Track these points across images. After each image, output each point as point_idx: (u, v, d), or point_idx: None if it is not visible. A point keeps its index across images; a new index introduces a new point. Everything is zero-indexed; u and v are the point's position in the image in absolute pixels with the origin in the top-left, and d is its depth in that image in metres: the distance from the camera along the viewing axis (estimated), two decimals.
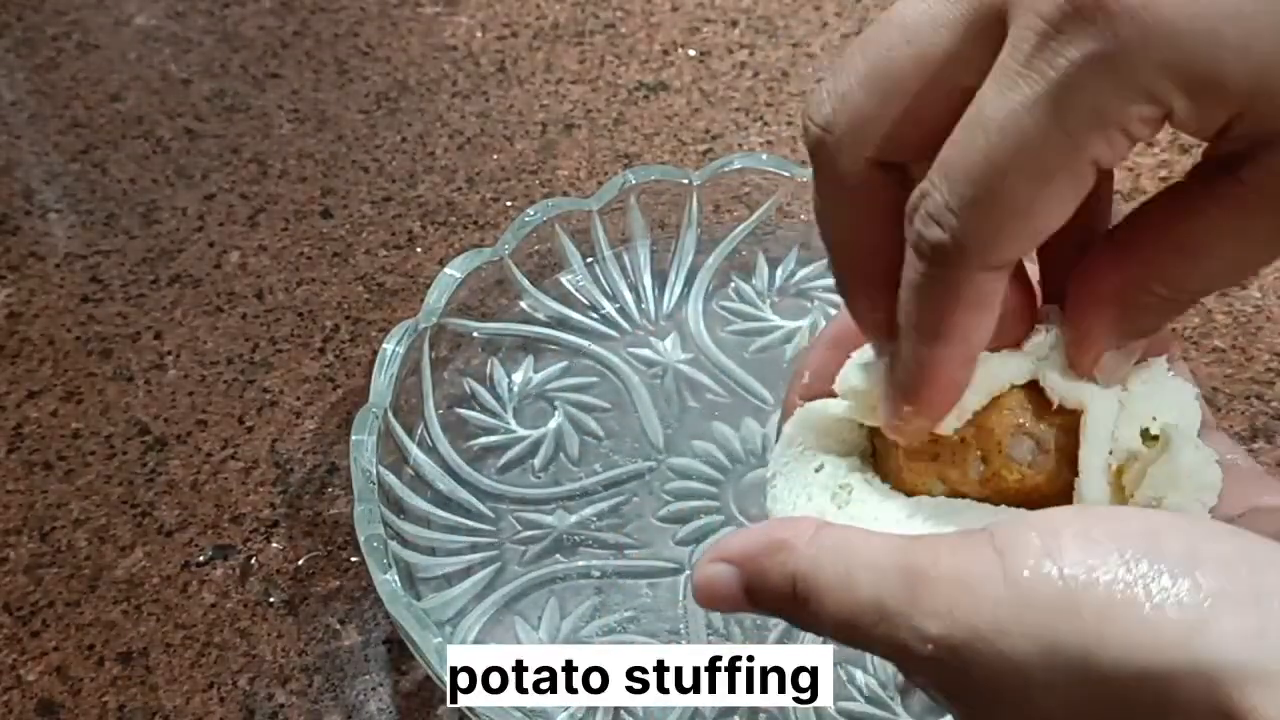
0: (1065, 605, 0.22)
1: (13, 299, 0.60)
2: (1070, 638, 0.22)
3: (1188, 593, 0.21)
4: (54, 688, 0.46)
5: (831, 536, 0.26)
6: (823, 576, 0.25)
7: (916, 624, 0.23)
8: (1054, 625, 0.22)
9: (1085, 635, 0.21)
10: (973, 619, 0.23)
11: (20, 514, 0.51)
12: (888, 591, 0.24)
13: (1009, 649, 0.22)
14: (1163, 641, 0.21)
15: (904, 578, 0.24)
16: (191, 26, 0.74)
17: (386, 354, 0.49)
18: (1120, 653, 0.21)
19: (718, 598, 0.28)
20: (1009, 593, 0.22)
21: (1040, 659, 0.22)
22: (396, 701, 0.45)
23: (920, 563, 0.24)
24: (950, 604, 0.23)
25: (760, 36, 0.72)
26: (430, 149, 0.66)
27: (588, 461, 0.51)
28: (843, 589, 0.25)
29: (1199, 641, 0.21)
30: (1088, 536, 0.22)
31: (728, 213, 0.58)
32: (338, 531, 0.50)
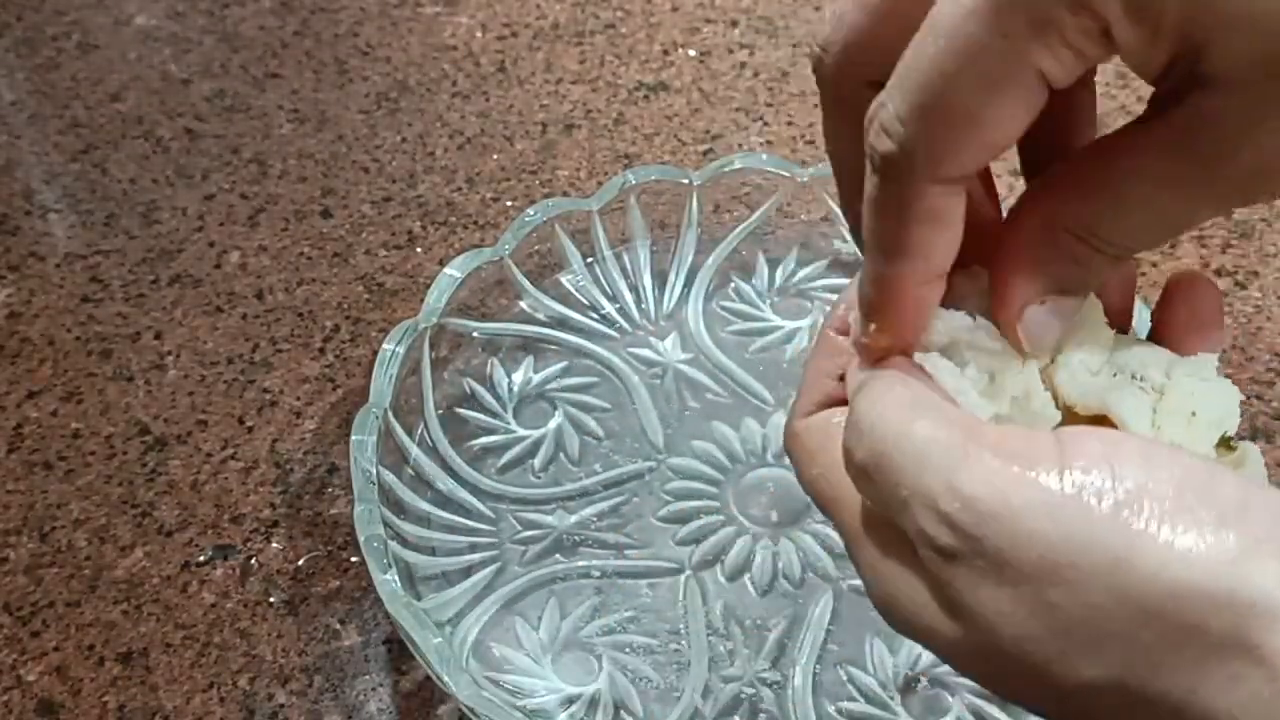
0: (1111, 512, 0.22)
1: (13, 299, 0.60)
2: (1109, 539, 0.21)
3: (1234, 530, 0.21)
4: (54, 688, 0.46)
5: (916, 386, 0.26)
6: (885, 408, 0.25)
7: (954, 479, 0.23)
8: (1096, 525, 0.22)
9: (1124, 540, 0.21)
10: (1013, 494, 0.22)
11: (20, 514, 0.51)
12: (944, 438, 0.24)
13: (1041, 531, 0.22)
14: (1201, 565, 0.21)
15: (961, 443, 0.23)
16: (191, 26, 0.74)
17: (386, 354, 0.49)
18: (1157, 565, 0.21)
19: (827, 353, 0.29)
20: (1060, 484, 0.22)
21: (1070, 548, 0.22)
22: (396, 701, 0.45)
23: (984, 438, 0.24)
24: (996, 475, 0.23)
25: (760, 36, 0.72)
26: (430, 149, 0.66)
27: (588, 461, 0.51)
28: (896, 426, 0.25)
29: (1237, 573, 0.21)
30: (1148, 457, 0.22)
31: (728, 213, 0.58)
32: (338, 531, 0.50)
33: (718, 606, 0.46)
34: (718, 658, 0.45)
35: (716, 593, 0.47)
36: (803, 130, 0.66)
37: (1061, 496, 0.22)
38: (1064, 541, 0.22)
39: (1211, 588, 0.21)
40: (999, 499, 0.22)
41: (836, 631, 0.45)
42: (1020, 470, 0.23)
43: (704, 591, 0.47)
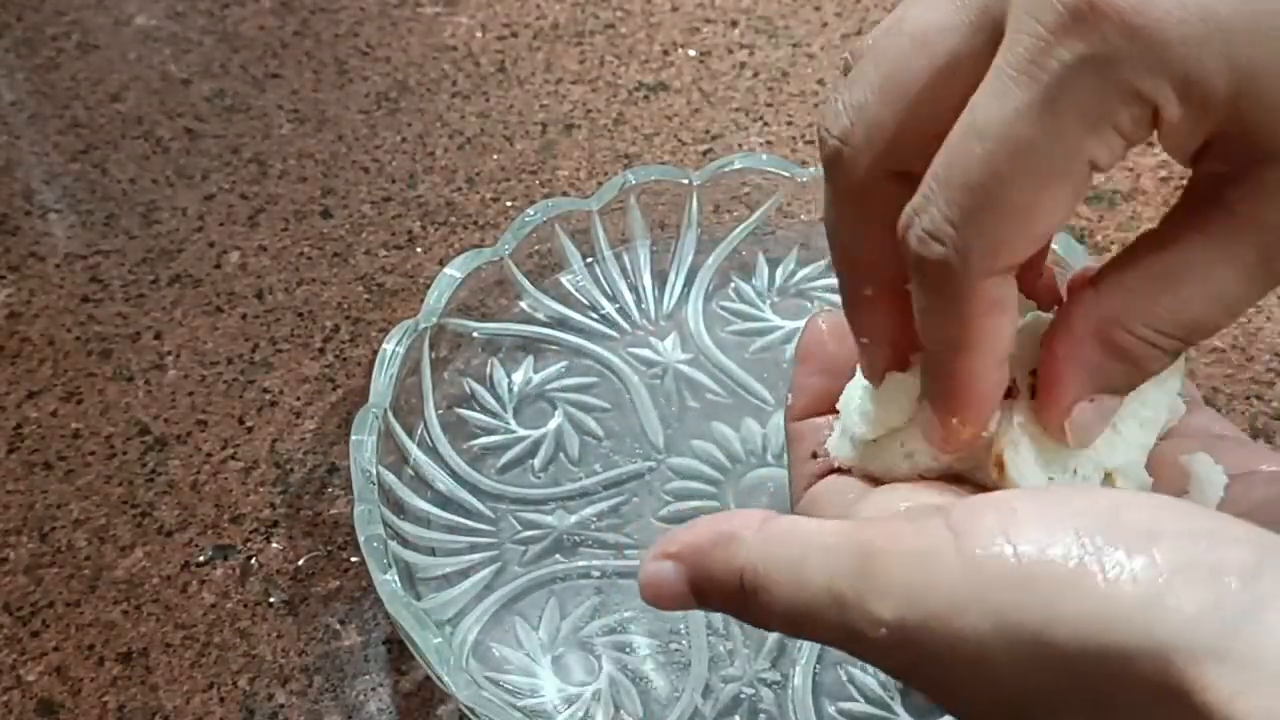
0: (1019, 582, 0.21)
1: (13, 299, 0.60)
2: (1025, 615, 0.21)
3: (1143, 568, 0.21)
4: (54, 688, 0.46)
5: (780, 525, 0.25)
6: (772, 566, 0.25)
7: (870, 607, 0.23)
8: (1008, 602, 0.21)
9: (1039, 612, 0.21)
10: (927, 598, 0.22)
11: (20, 514, 0.51)
12: (840, 574, 0.23)
13: (965, 627, 0.22)
14: (1116, 617, 0.20)
15: (856, 560, 0.23)
16: (191, 26, 0.74)
17: (386, 354, 0.49)
18: (1074, 629, 0.21)
19: (664, 596, 0.27)
20: (963, 571, 0.22)
21: (995, 637, 0.21)
22: (396, 701, 0.45)
23: (873, 543, 0.23)
24: (904, 583, 0.22)
25: (760, 36, 0.72)
26: (430, 149, 0.66)
27: (588, 461, 0.51)
28: (793, 577, 0.24)
29: (1153, 617, 0.20)
30: (1044, 514, 0.22)
31: (728, 213, 0.58)
32: (338, 531, 0.50)
33: None
34: (718, 658, 0.45)
35: None
36: (803, 130, 0.66)
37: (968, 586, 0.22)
38: (989, 634, 0.21)
39: (1130, 638, 0.20)
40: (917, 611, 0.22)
41: None
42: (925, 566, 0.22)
43: None
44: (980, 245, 0.25)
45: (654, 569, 0.27)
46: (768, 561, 0.25)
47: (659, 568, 0.26)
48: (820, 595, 0.23)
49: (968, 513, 0.23)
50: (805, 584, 0.24)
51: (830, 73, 0.69)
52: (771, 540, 0.25)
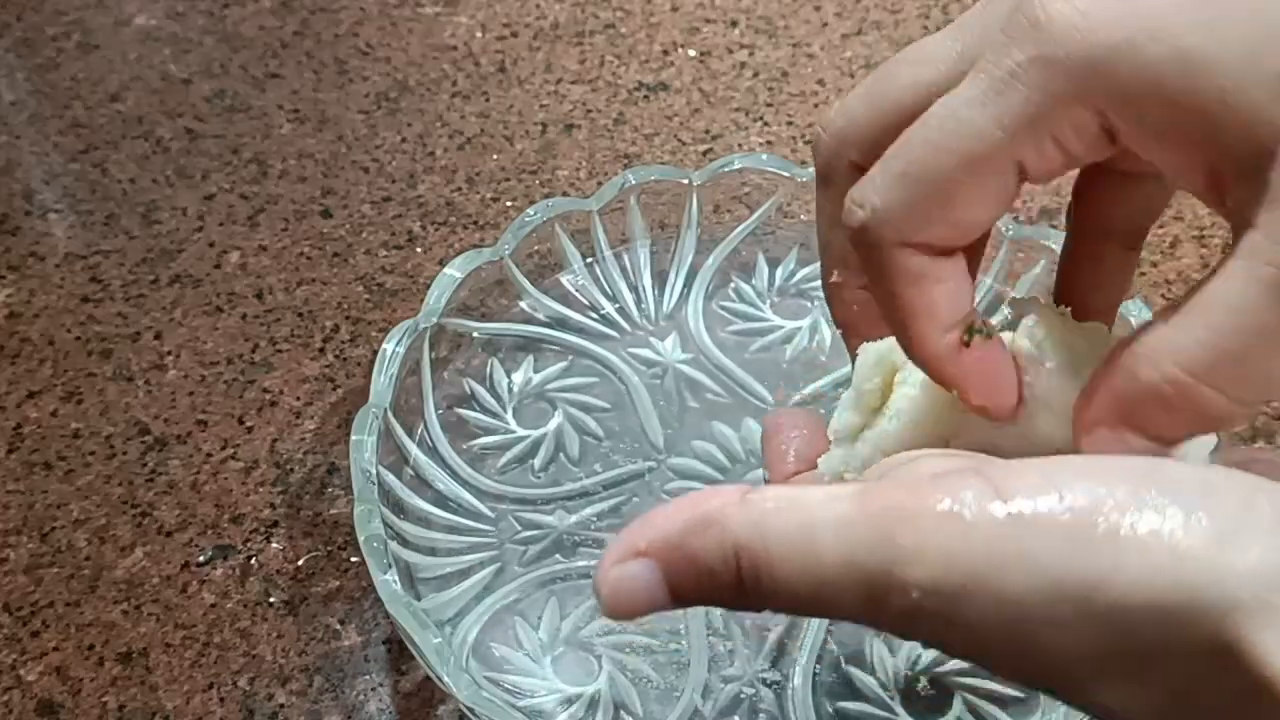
0: (1070, 536, 0.20)
1: (13, 299, 0.60)
2: (1077, 570, 0.20)
3: (1203, 522, 0.20)
4: (54, 688, 0.46)
5: (769, 497, 0.23)
6: (773, 543, 0.22)
7: (901, 573, 0.21)
8: (1058, 559, 0.20)
9: (1094, 568, 0.20)
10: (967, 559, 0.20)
11: (20, 514, 0.51)
12: (861, 543, 0.21)
13: (1008, 588, 0.20)
14: (1181, 573, 0.20)
15: (878, 525, 0.21)
16: (191, 26, 0.74)
17: (386, 354, 0.49)
18: (1128, 585, 0.20)
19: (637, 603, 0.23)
20: (1008, 526, 0.20)
21: (1044, 595, 0.20)
22: (396, 701, 0.45)
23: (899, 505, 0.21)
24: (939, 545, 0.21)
25: (760, 36, 0.72)
26: (430, 149, 0.66)
27: (588, 461, 0.51)
28: (802, 553, 0.22)
29: (1213, 574, 0.19)
30: (1091, 469, 0.21)
31: (728, 213, 0.58)
32: (338, 531, 0.50)
33: None
34: (718, 658, 0.45)
35: None
36: (802, 130, 0.66)
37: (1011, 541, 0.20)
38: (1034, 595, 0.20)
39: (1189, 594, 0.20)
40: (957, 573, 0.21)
41: (836, 631, 0.45)
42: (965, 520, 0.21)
43: None
44: (896, 212, 0.26)
45: (620, 574, 0.23)
46: (767, 539, 0.22)
47: (625, 571, 0.23)
48: (839, 569, 0.21)
49: (1006, 470, 0.21)
50: (818, 559, 0.22)
51: (830, 72, 0.69)
52: (766, 515, 0.22)
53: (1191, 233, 0.60)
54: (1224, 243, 0.59)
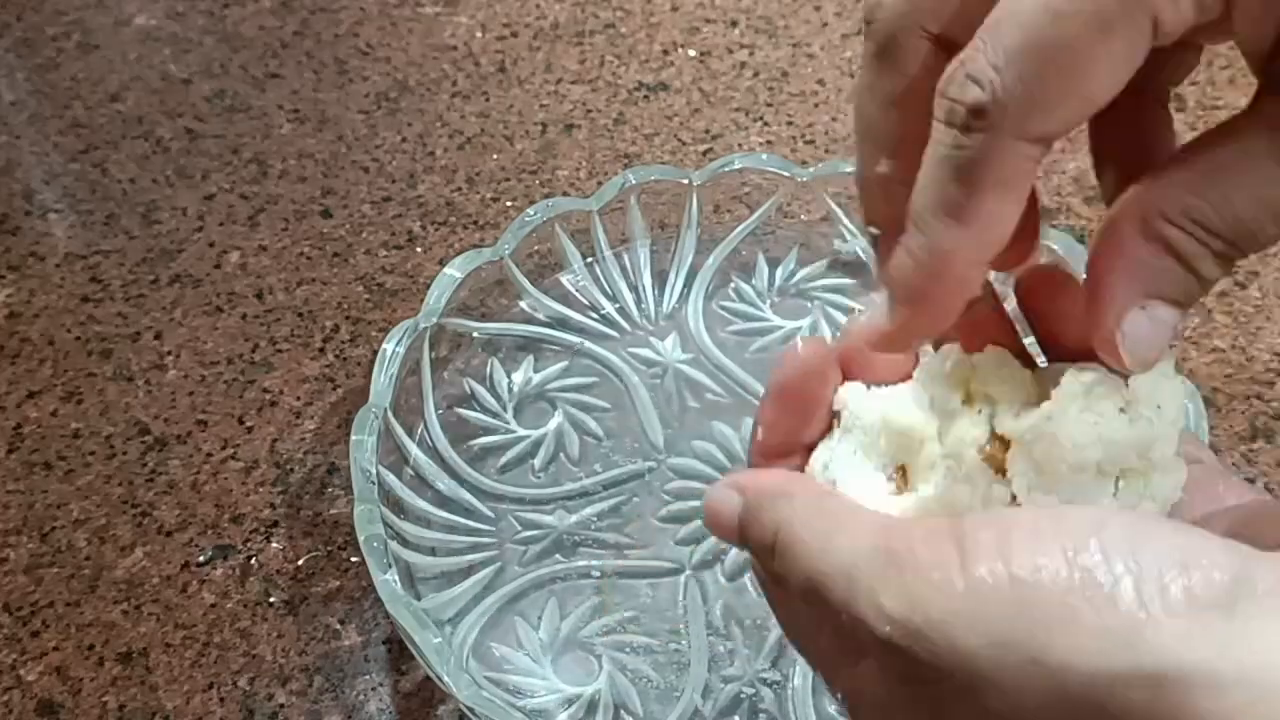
0: (1014, 605, 0.21)
1: (13, 299, 0.60)
2: (1019, 637, 0.21)
3: (1132, 592, 0.21)
4: (54, 688, 0.46)
5: (826, 502, 0.26)
6: (804, 533, 0.26)
7: (881, 600, 0.23)
8: (1003, 624, 0.21)
9: (1034, 636, 0.21)
10: (931, 607, 0.22)
11: (20, 514, 0.51)
12: (862, 563, 0.24)
13: (961, 642, 0.22)
14: (1107, 644, 0.20)
15: (879, 555, 0.24)
16: (191, 26, 0.74)
17: (386, 354, 0.49)
18: (1065, 656, 0.21)
19: (720, 522, 0.29)
20: (964, 587, 0.22)
21: (990, 656, 0.22)
22: (396, 701, 0.45)
23: (895, 545, 0.24)
24: (912, 588, 0.23)
25: (760, 36, 0.72)
26: (430, 149, 0.66)
27: (588, 461, 0.51)
28: (819, 550, 0.25)
29: (1144, 644, 0.20)
30: (1036, 533, 0.22)
31: (728, 213, 0.58)
32: (338, 531, 0.50)
33: (718, 606, 0.46)
34: (718, 657, 0.45)
35: (716, 593, 0.47)
36: (802, 130, 0.66)
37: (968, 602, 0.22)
38: (984, 650, 0.22)
39: (1122, 665, 0.20)
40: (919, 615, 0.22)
41: None
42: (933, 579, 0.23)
43: (704, 591, 0.47)
44: (1022, 94, 0.23)
45: (720, 495, 0.29)
46: (802, 526, 0.26)
47: (725, 495, 0.29)
48: (838, 575, 0.24)
49: (972, 529, 0.23)
50: (827, 557, 0.25)
51: (830, 72, 0.69)
52: (811, 507, 0.26)
53: None
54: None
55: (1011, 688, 0.21)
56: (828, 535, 0.25)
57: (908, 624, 0.23)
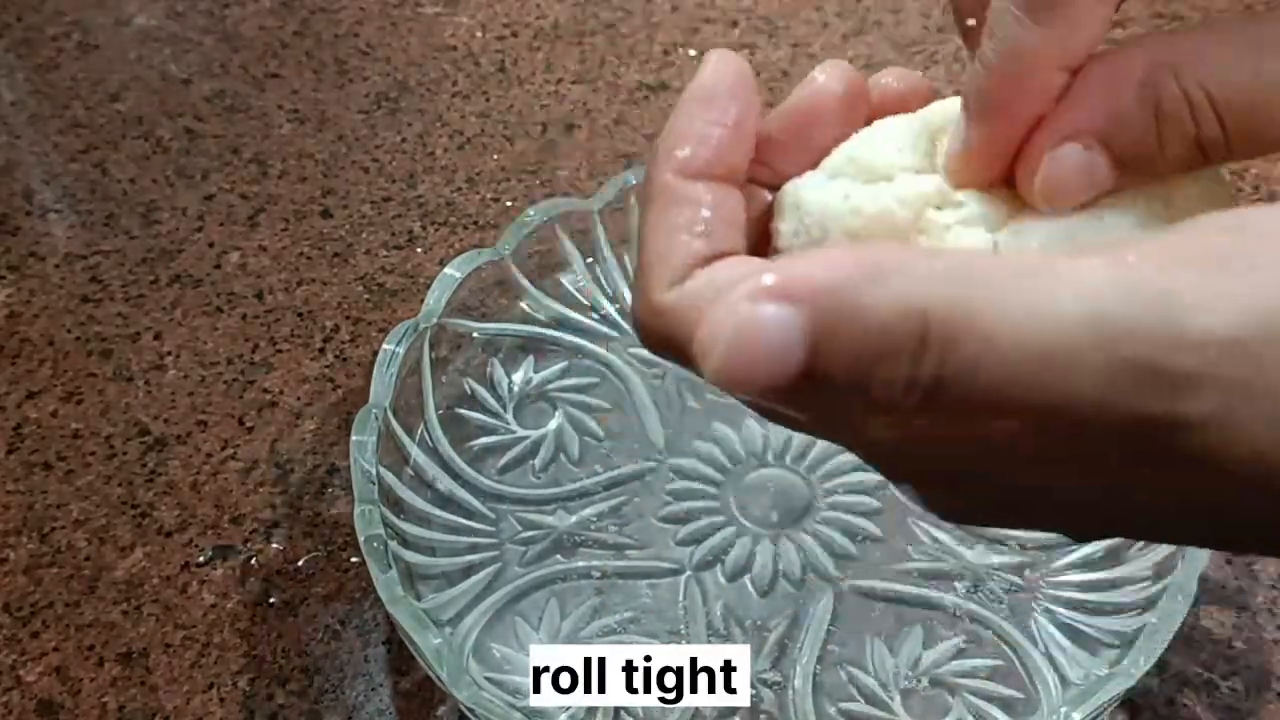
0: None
1: (13, 299, 0.60)
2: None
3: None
4: (54, 688, 0.46)
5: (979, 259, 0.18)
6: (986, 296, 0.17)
7: (1187, 326, 0.17)
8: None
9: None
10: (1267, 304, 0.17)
11: (20, 514, 0.51)
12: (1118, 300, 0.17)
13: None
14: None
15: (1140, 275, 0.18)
16: (191, 26, 0.74)
17: (387, 354, 0.49)
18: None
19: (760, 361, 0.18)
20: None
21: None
22: (396, 702, 0.45)
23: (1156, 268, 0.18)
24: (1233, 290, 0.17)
25: (760, 36, 0.72)
26: (430, 149, 0.66)
27: (588, 462, 0.51)
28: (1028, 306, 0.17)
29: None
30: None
31: None
32: (338, 532, 0.50)
33: (718, 607, 0.46)
34: None
35: (717, 593, 0.47)
36: None
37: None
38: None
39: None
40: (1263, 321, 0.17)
41: (837, 632, 0.45)
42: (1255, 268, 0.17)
43: (704, 592, 0.47)
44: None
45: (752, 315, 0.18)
46: (975, 294, 0.17)
47: (763, 314, 0.18)
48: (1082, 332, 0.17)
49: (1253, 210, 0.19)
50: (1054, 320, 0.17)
51: None
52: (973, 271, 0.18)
53: None
54: None
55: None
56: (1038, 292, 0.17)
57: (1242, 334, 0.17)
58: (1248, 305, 0.17)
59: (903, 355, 0.17)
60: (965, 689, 0.44)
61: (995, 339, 0.17)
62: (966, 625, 0.45)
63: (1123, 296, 0.17)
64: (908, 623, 0.45)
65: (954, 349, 0.17)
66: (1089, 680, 0.42)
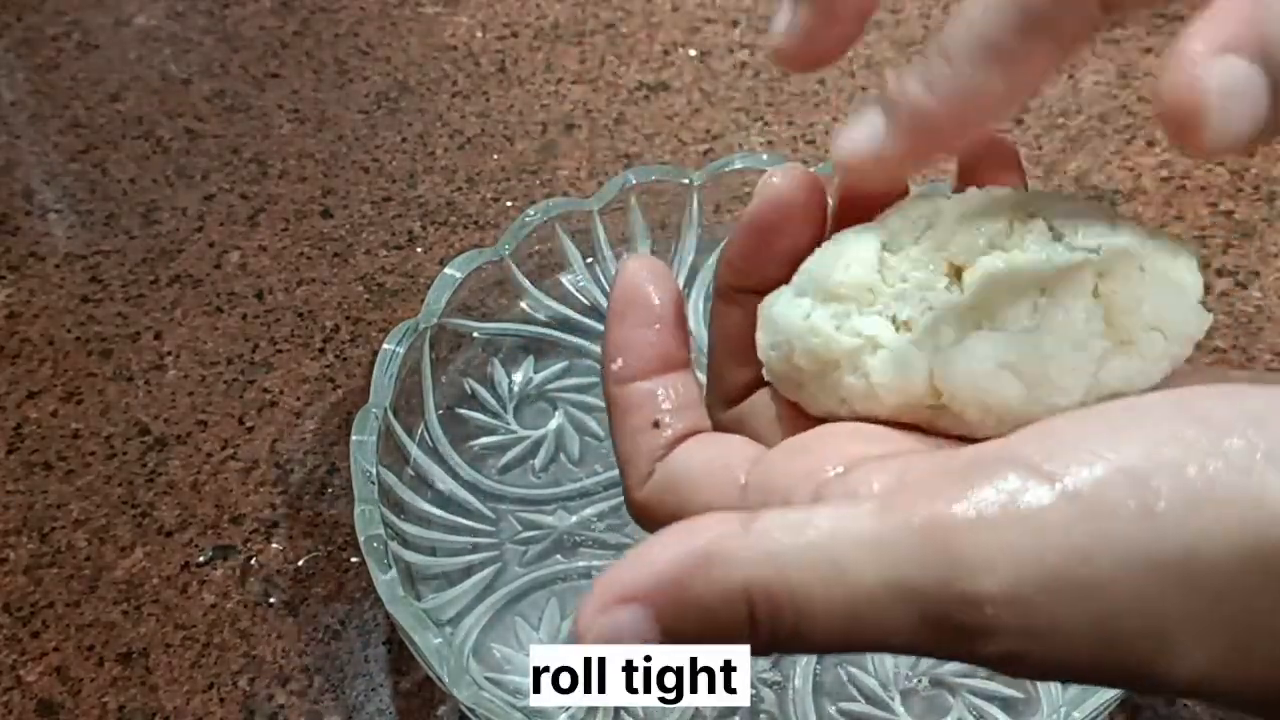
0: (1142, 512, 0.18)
1: (13, 299, 0.60)
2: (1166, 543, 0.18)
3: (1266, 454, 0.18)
4: (54, 688, 0.46)
5: (775, 523, 0.20)
6: (794, 578, 0.19)
7: (966, 588, 0.18)
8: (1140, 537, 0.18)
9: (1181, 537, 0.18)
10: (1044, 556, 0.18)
11: (20, 514, 0.51)
12: (904, 559, 0.19)
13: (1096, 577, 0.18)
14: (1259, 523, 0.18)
15: (923, 543, 0.19)
16: (191, 26, 0.74)
17: (387, 354, 0.49)
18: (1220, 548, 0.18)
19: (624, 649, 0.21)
20: (1078, 516, 0.18)
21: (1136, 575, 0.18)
22: (396, 702, 0.45)
23: (943, 518, 0.19)
24: (1009, 549, 0.18)
25: (760, 36, 0.72)
26: (430, 149, 0.66)
27: (588, 461, 0.51)
28: (832, 580, 0.19)
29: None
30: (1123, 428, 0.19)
31: (728, 213, 0.58)
32: (338, 531, 0.50)
33: None
34: None
35: None
36: (803, 130, 0.66)
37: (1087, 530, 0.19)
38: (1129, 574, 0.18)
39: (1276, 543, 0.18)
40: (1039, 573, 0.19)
41: None
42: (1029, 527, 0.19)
43: None
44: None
45: (606, 624, 0.20)
46: (786, 573, 0.19)
47: (613, 621, 0.20)
48: (882, 591, 0.19)
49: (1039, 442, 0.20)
50: (855, 584, 0.19)
51: (830, 72, 0.69)
52: (779, 545, 0.20)
53: (1192, 233, 0.60)
54: (1224, 242, 0.59)
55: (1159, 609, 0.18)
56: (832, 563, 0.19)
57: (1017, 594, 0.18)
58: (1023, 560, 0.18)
59: (741, 632, 0.20)
60: (965, 689, 0.44)
61: (808, 611, 0.19)
62: None
63: (914, 559, 0.19)
64: None
65: (779, 620, 0.20)
66: None
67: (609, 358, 0.27)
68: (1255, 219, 0.61)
